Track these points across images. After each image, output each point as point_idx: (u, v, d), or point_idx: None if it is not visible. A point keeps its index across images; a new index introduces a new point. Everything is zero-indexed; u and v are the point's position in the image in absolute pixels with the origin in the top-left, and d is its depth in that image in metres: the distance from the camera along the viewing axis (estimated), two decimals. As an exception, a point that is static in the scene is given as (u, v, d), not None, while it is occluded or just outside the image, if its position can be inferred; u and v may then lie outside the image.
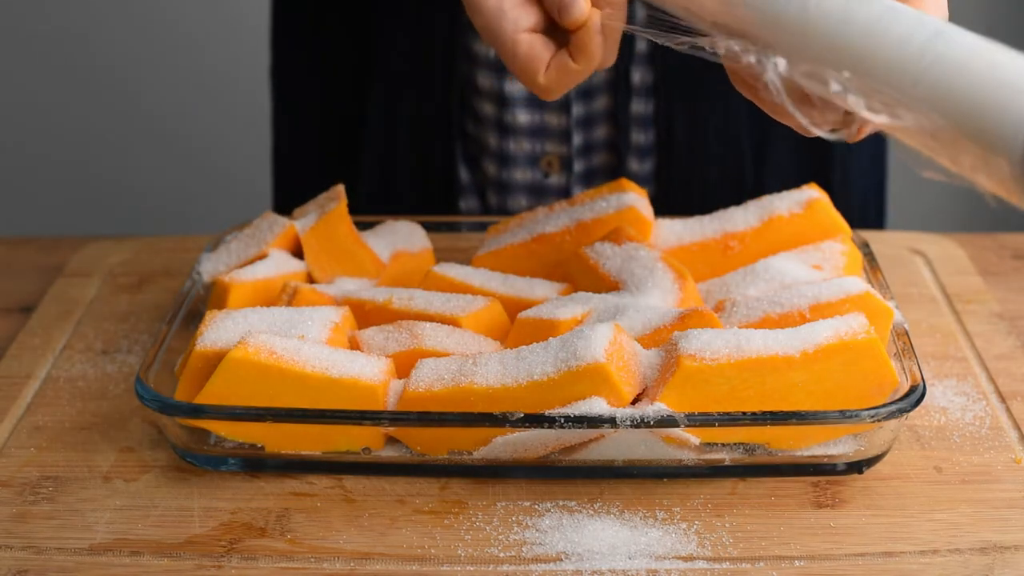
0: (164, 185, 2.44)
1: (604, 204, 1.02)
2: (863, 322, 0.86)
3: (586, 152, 1.20)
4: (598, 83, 1.18)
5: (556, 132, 1.19)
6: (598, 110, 1.19)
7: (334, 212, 1.02)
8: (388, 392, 0.86)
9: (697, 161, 1.21)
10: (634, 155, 1.20)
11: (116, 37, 2.39)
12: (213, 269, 1.01)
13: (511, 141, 1.19)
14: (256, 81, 2.29)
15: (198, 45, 2.41)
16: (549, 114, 1.18)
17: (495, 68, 1.17)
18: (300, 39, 1.30)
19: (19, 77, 2.41)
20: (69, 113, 2.42)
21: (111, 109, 2.44)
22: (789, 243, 1.00)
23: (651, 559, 0.79)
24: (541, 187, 1.21)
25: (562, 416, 0.82)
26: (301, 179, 1.33)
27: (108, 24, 2.39)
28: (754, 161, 1.22)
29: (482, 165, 1.22)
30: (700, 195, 1.21)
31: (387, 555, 0.80)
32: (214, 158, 2.45)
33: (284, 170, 1.36)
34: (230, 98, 2.40)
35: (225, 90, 2.40)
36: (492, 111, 1.19)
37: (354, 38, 1.24)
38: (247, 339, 0.86)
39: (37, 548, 0.81)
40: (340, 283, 1.00)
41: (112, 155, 2.45)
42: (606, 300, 0.92)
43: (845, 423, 0.83)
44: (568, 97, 1.18)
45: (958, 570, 0.78)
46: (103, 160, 2.45)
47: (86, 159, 2.45)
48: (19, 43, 2.40)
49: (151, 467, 0.88)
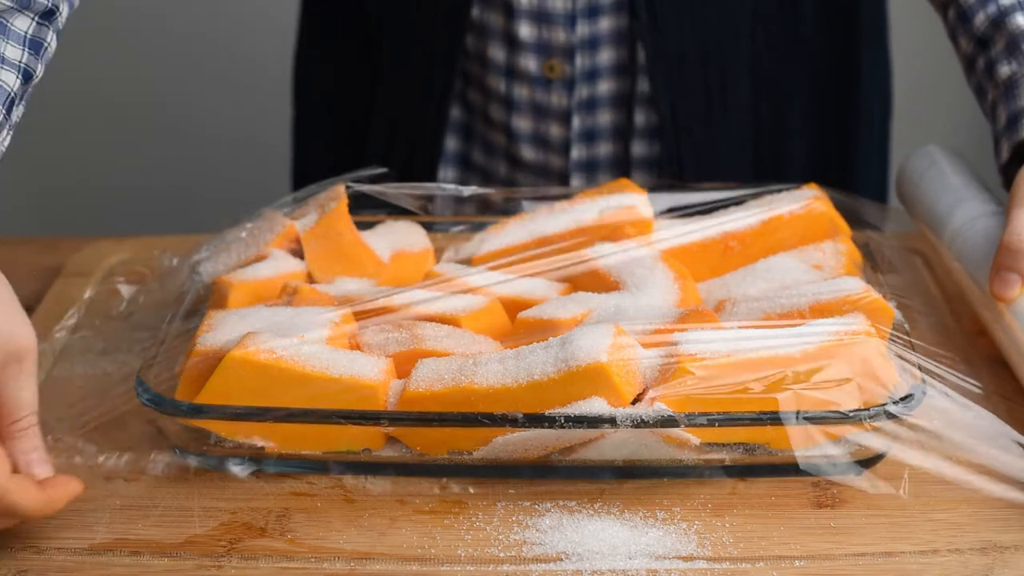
0: (164, 185, 2.44)
1: (604, 204, 1.03)
2: (863, 322, 0.86)
3: (588, 137, 1.22)
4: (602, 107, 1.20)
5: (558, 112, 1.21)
6: (602, 124, 1.22)
7: (334, 212, 1.02)
8: (388, 392, 0.86)
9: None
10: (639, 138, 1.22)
11: (116, 37, 2.39)
12: (213, 269, 1.01)
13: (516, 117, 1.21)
14: (256, 81, 2.29)
15: (198, 45, 2.40)
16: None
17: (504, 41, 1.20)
18: (323, 41, 1.33)
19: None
20: (69, 113, 2.42)
21: (111, 109, 2.43)
22: (789, 243, 1.00)
23: (651, 559, 0.79)
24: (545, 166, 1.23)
25: (562, 416, 0.82)
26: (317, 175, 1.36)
27: (109, 24, 2.39)
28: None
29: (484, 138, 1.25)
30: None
31: (387, 555, 0.80)
32: (214, 158, 2.45)
33: (302, 167, 1.39)
34: (231, 98, 2.40)
35: (225, 90, 2.40)
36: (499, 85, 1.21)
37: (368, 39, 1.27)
38: (247, 339, 0.86)
39: (37, 548, 0.81)
40: (340, 283, 1.00)
41: (112, 155, 2.45)
42: (606, 300, 0.92)
43: (845, 423, 0.83)
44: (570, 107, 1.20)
45: (958, 570, 0.78)
46: (103, 160, 2.45)
47: (86, 159, 2.45)
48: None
49: (151, 467, 0.88)
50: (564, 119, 1.23)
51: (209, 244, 1.05)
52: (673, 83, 1.20)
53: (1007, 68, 1.03)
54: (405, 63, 1.26)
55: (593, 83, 1.22)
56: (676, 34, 1.19)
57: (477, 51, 1.23)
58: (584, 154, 1.24)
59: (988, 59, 1.06)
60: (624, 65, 1.21)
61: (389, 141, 1.29)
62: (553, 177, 1.26)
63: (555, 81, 1.21)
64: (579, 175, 1.25)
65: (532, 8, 1.19)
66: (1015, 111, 1.01)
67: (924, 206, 1.09)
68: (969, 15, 1.08)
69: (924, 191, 1.10)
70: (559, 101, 1.22)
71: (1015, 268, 0.91)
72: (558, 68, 1.21)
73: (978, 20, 1.07)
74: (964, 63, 1.11)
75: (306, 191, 1.07)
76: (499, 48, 1.22)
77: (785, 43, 1.24)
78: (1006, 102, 1.02)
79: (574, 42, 1.20)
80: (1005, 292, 0.92)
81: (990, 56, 1.06)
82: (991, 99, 1.05)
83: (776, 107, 1.26)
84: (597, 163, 1.25)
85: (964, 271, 1.01)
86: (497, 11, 1.20)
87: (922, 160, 1.13)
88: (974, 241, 1.00)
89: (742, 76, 1.23)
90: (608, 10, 1.19)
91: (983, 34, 1.07)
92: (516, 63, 1.21)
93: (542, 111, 1.23)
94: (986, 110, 1.07)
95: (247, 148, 2.34)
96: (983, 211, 1.02)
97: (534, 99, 1.23)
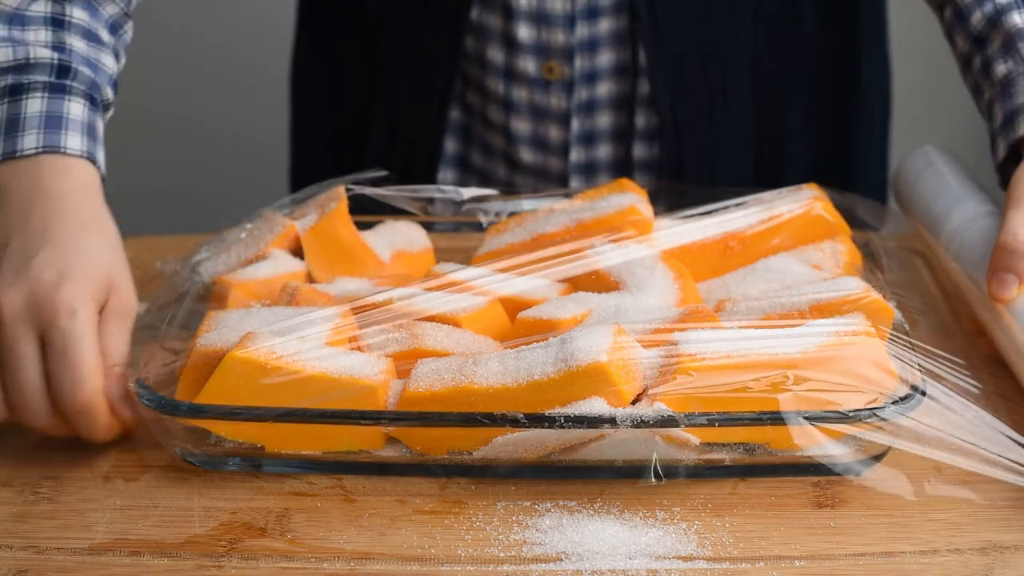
0: (164, 185, 2.44)
1: (604, 204, 1.03)
2: (863, 322, 0.86)
3: (588, 140, 1.22)
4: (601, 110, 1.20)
5: (557, 114, 1.21)
6: (601, 125, 1.22)
7: (334, 212, 1.02)
8: (388, 392, 0.86)
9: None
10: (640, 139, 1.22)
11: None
12: (213, 269, 1.01)
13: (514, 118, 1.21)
14: (257, 81, 2.29)
15: (198, 45, 2.41)
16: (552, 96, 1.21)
17: (503, 43, 1.20)
18: (321, 43, 1.33)
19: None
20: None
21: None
22: (789, 243, 1.00)
23: (651, 559, 0.79)
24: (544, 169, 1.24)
25: (562, 416, 0.82)
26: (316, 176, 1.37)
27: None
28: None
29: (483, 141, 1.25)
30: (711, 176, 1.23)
31: (387, 555, 0.80)
32: (214, 158, 2.45)
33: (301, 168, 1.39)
34: (231, 98, 2.40)
35: (226, 90, 2.40)
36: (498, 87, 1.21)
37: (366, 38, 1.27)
38: (247, 339, 0.86)
39: (37, 548, 0.81)
40: (340, 283, 1.00)
41: (112, 156, 2.44)
42: (606, 300, 0.92)
43: (845, 423, 0.83)
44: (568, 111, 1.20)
45: (958, 570, 0.78)
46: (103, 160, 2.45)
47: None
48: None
49: (151, 467, 0.88)
50: (563, 121, 1.23)
51: (209, 244, 1.05)
52: (674, 84, 1.20)
53: (1003, 66, 1.03)
54: (404, 64, 1.26)
55: (592, 85, 1.21)
56: (677, 34, 1.19)
57: (476, 52, 1.23)
58: (583, 156, 1.24)
59: (984, 57, 1.06)
60: (623, 67, 1.21)
61: (388, 142, 1.29)
62: (552, 179, 1.26)
63: (554, 83, 1.21)
64: (578, 177, 1.25)
65: (531, 9, 1.19)
66: (1012, 109, 1.01)
67: (921, 207, 1.09)
68: (966, 14, 1.08)
69: (921, 192, 1.10)
70: (558, 103, 1.22)
71: (1012, 268, 0.91)
72: (557, 70, 1.21)
73: (975, 19, 1.07)
74: (960, 61, 1.11)
75: (306, 192, 1.07)
76: (498, 50, 1.22)
77: (786, 43, 1.25)
78: (1003, 100, 1.02)
79: (573, 44, 1.20)
80: (1003, 293, 0.91)
81: (986, 55, 1.06)
82: (987, 97, 1.06)
83: (777, 107, 1.26)
84: (596, 165, 1.25)
85: (962, 271, 1.01)
86: (496, 12, 1.20)
87: (918, 161, 1.13)
88: (972, 241, 1.00)
89: (743, 76, 1.23)
90: (607, 12, 1.19)
91: (980, 33, 1.07)
92: (515, 65, 1.21)
93: (541, 113, 1.23)
94: (982, 108, 1.07)
95: (247, 148, 2.34)
96: (980, 211, 1.02)
97: (533, 101, 1.23)
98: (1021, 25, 1.04)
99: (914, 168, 1.12)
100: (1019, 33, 1.03)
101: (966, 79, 1.11)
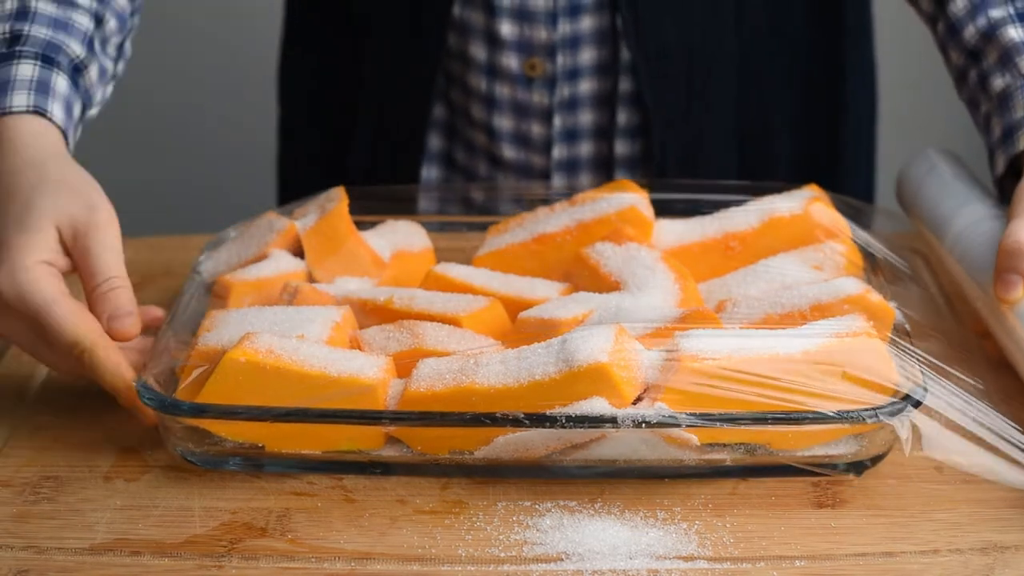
0: (164, 185, 2.44)
1: (604, 204, 1.03)
2: (863, 322, 0.86)
3: (570, 137, 1.22)
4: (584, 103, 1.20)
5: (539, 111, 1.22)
6: (584, 123, 1.22)
7: (334, 212, 1.02)
8: (388, 391, 0.86)
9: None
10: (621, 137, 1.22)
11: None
12: (213, 269, 1.01)
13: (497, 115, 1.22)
14: (256, 81, 2.29)
15: (198, 45, 2.40)
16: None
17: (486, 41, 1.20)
18: (307, 40, 1.32)
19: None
20: (68, 113, 2.41)
21: (110, 110, 2.43)
22: (789, 243, 1.00)
23: (651, 559, 0.79)
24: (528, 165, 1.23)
25: (563, 416, 0.82)
26: (302, 173, 1.36)
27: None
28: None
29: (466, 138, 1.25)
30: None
31: (387, 555, 0.80)
32: (214, 158, 2.45)
33: (288, 165, 1.39)
34: (231, 98, 2.40)
35: (226, 90, 2.40)
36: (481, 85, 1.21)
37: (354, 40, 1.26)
38: (247, 339, 0.86)
39: (38, 548, 0.81)
40: (340, 283, 1.00)
41: (112, 155, 2.44)
42: (607, 300, 0.92)
43: (845, 423, 0.83)
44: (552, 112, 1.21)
45: (958, 570, 0.78)
46: (103, 160, 2.44)
47: (86, 159, 2.44)
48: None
49: (151, 467, 0.88)
50: (545, 118, 1.23)
51: (209, 244, 1.05)
52: (657, 81, 1.20)
53: (1000, 81, 1.03)
54: (388, 61, 1.26)
55: (575, 82, 1.21)
56: (659, 32, 1.19)
57: (459, 49, 1.23)
58: (566, 153, 1.24)
59: (980, 71, 1.06)
60: (606, 64, 1.21)
61: (373, 140, 1.28)
62: (535, 176, 1.26)
63: (536, 80, 1.21)
64: (561, 174, 1.25)
65: (513, 6, 1.19)
66: (1010, 124, 1.01)
67: (925, 210, 1.09)
68: (959, 27, 1.08)
69: (924, 195, 1.10)
70: (540, 100, 1.22)
71: (1016, 270, 0.92)
72: (539, 67, 1.21)
73: (967, 33, 1.07)
74: (955, 75, 1.11)
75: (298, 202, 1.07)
76: (480, 46, 1.21)
77: (770, 42, 1.24)
78: (1000, 115, 1.02)
79: (555, 40, 1.20)
80: (1009, 294, 0.93)
81: (982, 68, 1.06)
82: (984, 111, 1.06)
83: (761, 106, 1.26)
84: (579, 162, 1.25)
85: (967, 274, 1.01)
86: (478, 9, 1.20)
87: (922, 164, 1.13)
88: (978, 243, 1.00)
89: (727, 75, 1.23)
90: (590, 9, 1.19)
91: (974, 47, 1.07)
92: (497, 61, 1.21)
93: (523, 110, 1.23)
94: (979, 122, 1.07)
95: (247, 148, 2.34)
96: (986, 214, 1.02)
97: (515, 98, 1.22)
98: (1017, 40, 1.04)
99: (918, 171, 1.12)
100: (1015, 48, 1.03)
101: (961, 92, 1.11)
